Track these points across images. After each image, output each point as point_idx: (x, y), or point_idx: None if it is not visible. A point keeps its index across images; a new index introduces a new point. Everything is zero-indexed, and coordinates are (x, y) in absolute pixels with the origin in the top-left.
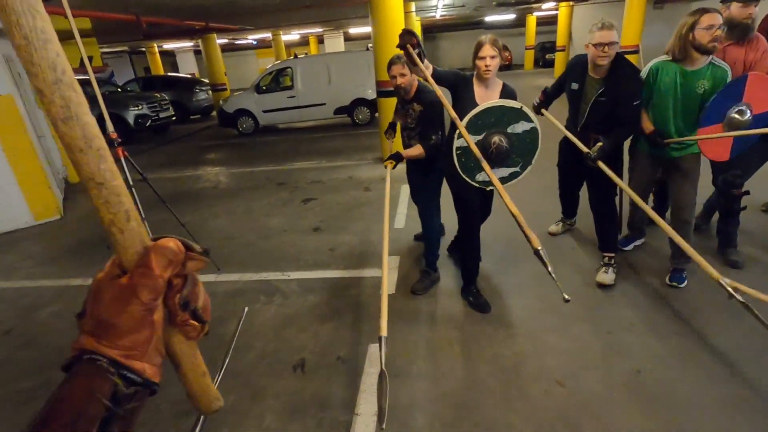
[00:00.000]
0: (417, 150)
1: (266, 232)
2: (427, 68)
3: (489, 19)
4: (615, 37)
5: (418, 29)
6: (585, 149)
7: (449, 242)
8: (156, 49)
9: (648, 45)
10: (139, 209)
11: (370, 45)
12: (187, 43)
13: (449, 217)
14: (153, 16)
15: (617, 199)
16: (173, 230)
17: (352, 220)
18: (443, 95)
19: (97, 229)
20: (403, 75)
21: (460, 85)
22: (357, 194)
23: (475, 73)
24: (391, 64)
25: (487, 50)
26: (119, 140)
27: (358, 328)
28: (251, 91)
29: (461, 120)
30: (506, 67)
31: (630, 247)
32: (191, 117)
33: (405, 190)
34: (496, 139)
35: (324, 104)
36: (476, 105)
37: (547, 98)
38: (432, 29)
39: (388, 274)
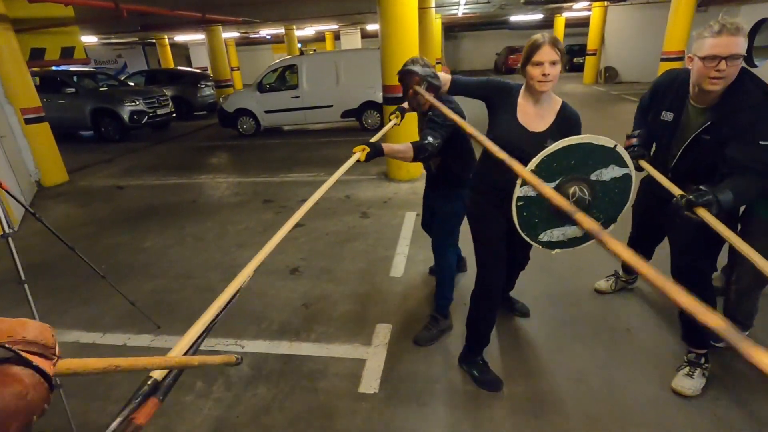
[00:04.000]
0: (403, 146)
1: (233, 271)
2: (445, 84)
3: (514, 18)
4: (741, 47)
5: (438, 28)
6: (677, 191)
7: (460, 280)
8: (166, 42)
9: None
10: (19, 270)
11: None
12: (200, 36)
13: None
14: (139, 5)
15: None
16: (123, 259)
17: (340, 260)
18: (460, 116)
19: (52, 249)
20: None
21: (497, 97)
22: (352, 221)
23: (524, 84)
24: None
25: (547, 53)
26: None
27: None
28: (253, 90)
29: (527, 162)
30: None
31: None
32: (195, 113)
33: (409, 219)
34: (575, 189)
35: (331, 106)
36: (517, 125)
37: (646, 141)
38: (453, 28)
39: (369, 358)
